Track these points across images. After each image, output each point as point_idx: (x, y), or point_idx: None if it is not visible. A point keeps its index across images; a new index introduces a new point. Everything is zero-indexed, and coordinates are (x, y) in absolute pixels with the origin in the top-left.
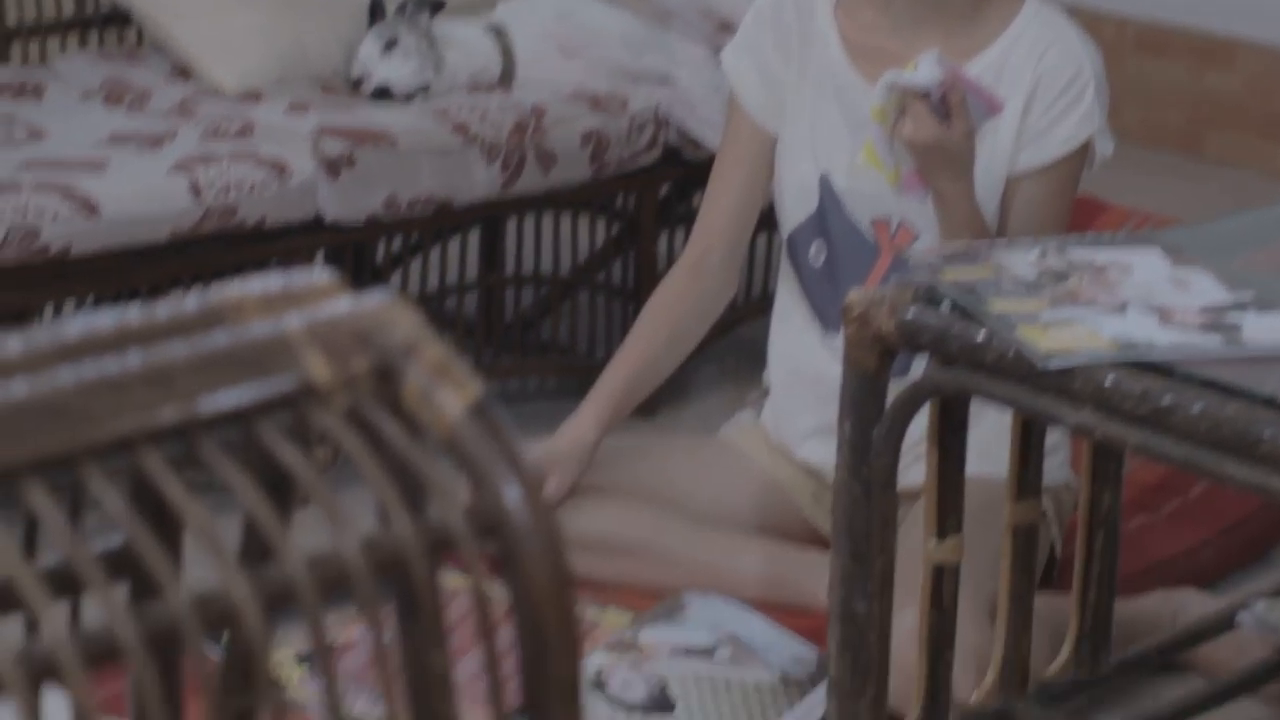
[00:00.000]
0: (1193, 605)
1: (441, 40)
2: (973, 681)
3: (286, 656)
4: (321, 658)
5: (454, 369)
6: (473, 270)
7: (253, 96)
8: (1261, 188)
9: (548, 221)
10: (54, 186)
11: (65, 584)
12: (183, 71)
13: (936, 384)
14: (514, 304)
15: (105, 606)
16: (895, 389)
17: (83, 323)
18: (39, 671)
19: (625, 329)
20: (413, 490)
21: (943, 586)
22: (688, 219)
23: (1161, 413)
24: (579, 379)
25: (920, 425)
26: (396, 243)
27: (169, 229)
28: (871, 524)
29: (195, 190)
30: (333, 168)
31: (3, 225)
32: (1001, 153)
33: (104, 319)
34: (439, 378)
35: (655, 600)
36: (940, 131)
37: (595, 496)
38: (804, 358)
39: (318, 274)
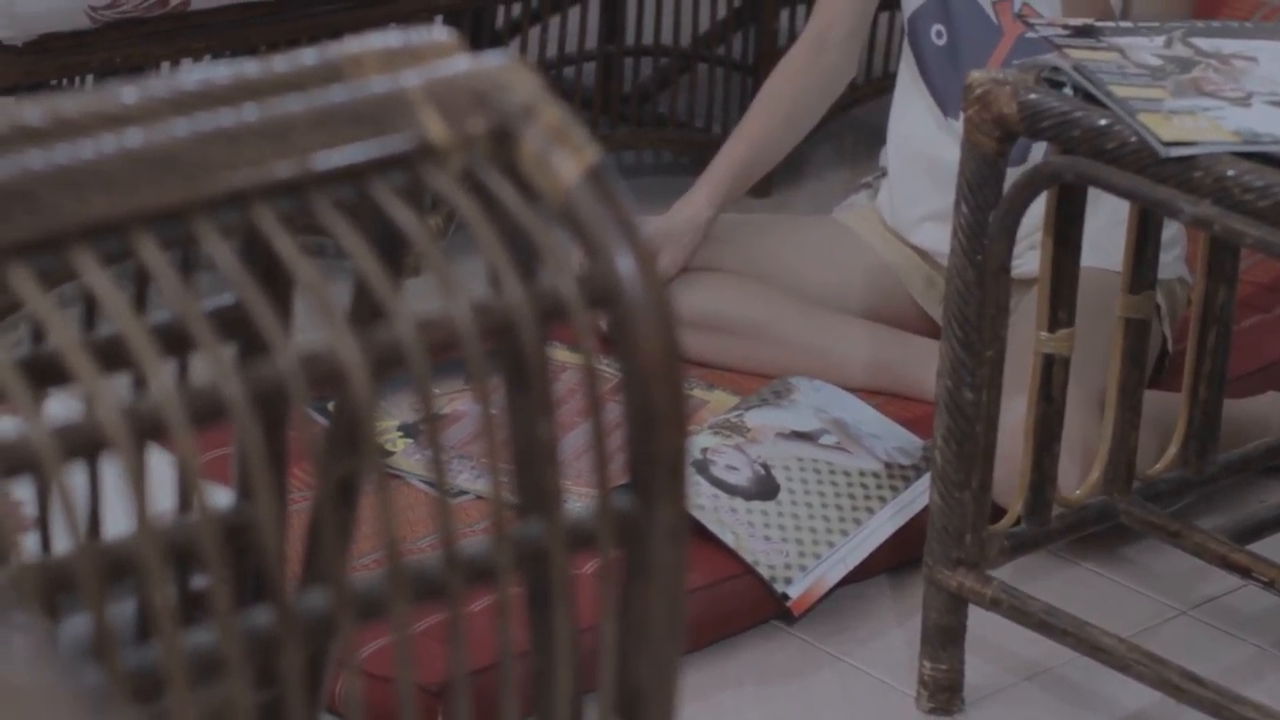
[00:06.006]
0: None
1: None
2: (1078, 475)
3: (390, 429)
4: (427, 422)
5: (571, 133)
6: (592, 40)
7: None
8: None
9: None
10: None
11: (174, 342)
12: None
13: (1055, 170)
14: (633, 75)
15: (212, 363)
16: (1012, 179)
17: (199, 74)
18: (145, 428)
19: (744, 105)
20: (525, 257)
21: (1052, 378)
22: None
23: None
24: (695, 154)
25: (1036, 215)
26: (516, 9)
27: None
28: (984, 311)
29: None
30: None
31: None
32: None
33: (221, 71)
34: (556, 141)
35: (762, 383)
36: None
37: (707, 275)
38: (922, 141)
39: (437, 31)
